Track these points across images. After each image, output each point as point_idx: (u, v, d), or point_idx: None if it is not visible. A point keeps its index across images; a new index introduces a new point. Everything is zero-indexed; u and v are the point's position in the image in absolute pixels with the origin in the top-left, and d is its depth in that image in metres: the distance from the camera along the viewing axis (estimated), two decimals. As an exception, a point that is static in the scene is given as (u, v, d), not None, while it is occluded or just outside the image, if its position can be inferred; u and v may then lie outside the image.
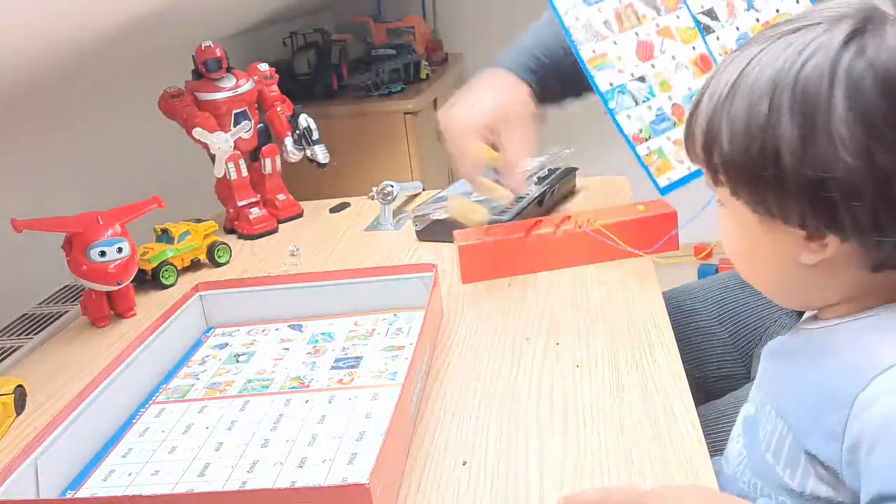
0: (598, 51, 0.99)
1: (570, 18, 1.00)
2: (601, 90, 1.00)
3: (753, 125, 0.59)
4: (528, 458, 0.68)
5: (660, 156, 0.98)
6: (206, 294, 0.98)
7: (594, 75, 1.00)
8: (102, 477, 0.72)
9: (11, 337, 1.05)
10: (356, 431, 0.74)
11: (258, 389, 0.84)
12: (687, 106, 0.96)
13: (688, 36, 0.99)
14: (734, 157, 0.61)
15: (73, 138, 1.45)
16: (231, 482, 0.69)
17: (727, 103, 0.61)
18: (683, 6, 0.99)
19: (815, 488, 0.62)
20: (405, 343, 0.90)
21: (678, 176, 0.99)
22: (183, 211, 1.26)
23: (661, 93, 0.99)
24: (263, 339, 0.95)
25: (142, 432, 0.78)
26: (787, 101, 0.58)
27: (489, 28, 3.04)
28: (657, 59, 0.99)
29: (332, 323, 0.96)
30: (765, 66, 0.60)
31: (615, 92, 0.99)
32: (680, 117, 0.98)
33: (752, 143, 0.59)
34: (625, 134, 0.99)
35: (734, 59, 0.63)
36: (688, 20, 0.99)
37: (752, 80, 0.60)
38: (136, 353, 0.84)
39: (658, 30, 0.99)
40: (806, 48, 0.58)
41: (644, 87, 0.99)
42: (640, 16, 1.00)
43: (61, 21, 1.11)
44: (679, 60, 0.99)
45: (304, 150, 1.35)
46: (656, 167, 0.98)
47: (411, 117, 2.18)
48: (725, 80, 0.62)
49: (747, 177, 0.61)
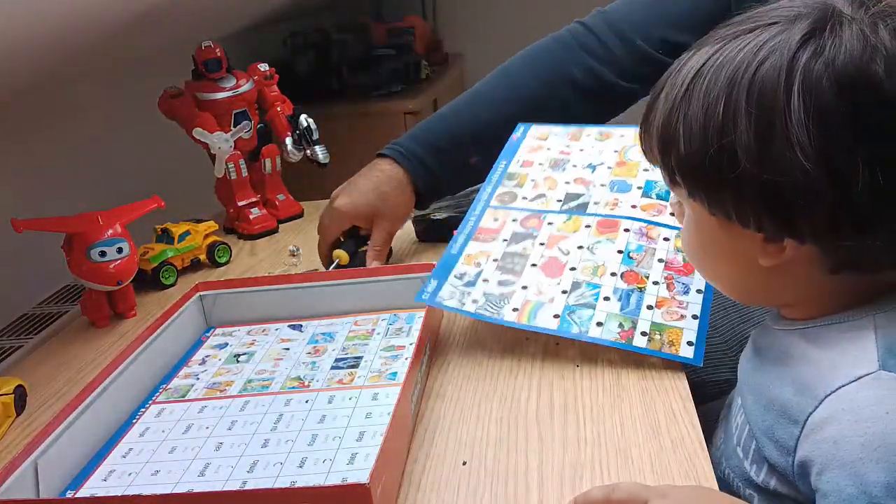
0: (518, 306, 0.84)
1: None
2: (556, 330, 0.82)
3: (710, 128, 0.57)
4: (528, 458, 0.68)
5: (659, 330, 0.80)
6: (207, 294, 0.98)
7: (538, 326, 0.82)
8: (102, 477, 0.72)
9: (11, 337, 1.05)
10: (356, 431, 0.74)
11: (258, 389, 0.84)
12: (630, 266, 0.85)
13: (571, 225, 0.91)
14: (691, 159, 0.59)
15: (73, 138, 1.45)
16: (231, 482, 0.69)
17: (683, 103, 0.59)
18: (543, 217, 0.93)
19: (777, 486, 0.62)
20: (405, 343, 0.90)
21: (692, 333, 0.80)
22: (183, 211, 1.27)
23: (601, 278, 0.85)
24: (263, 339, 0.95)
25: (142, 432, 0.78)
26: (744, 103, 0.56)
27: (489, 28, 3.05)
28: (570, 263, 0.87)
29: (332, 323, 0.96)
30: (720, 66, 0.58)
31: (567, 321, 0.82)
32: (635, 279, 0.84)
33: (708, 146, 0.58)
34: (614, 343, 0.80)
35: (689, 58, 0.61)
36: (559, 216, 0.93)
37: (708, 80, 0.58)
38: (136, 353, 0.84)
39: (547, 243, 0.90)
40: (762, 48, 0.57)
41: (585, 291, 0.84)
42: (523, 249, 0.90)
43: (61, 21, 1.11)
44: (587, 245, 0.89)
45: (304, 150, 1.35)
46: (668, 344, 0.79)
47: (411, 117, 2.18)
48: (681, 79, 0.60)
49: (704, 180, 0.60)
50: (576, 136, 1.03)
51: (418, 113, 2.21)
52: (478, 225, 0.94)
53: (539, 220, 0.93)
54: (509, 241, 0.91)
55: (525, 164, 1.00)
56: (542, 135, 1.04)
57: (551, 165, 0.99)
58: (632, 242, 0.88)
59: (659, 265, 0.85)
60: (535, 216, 0.94)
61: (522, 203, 0.96)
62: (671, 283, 0.83)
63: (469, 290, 0.86)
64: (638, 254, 0.86)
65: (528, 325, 0.82)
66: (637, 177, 0.95)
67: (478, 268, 0.88)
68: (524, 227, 0.93)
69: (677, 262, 0.85)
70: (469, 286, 0.86)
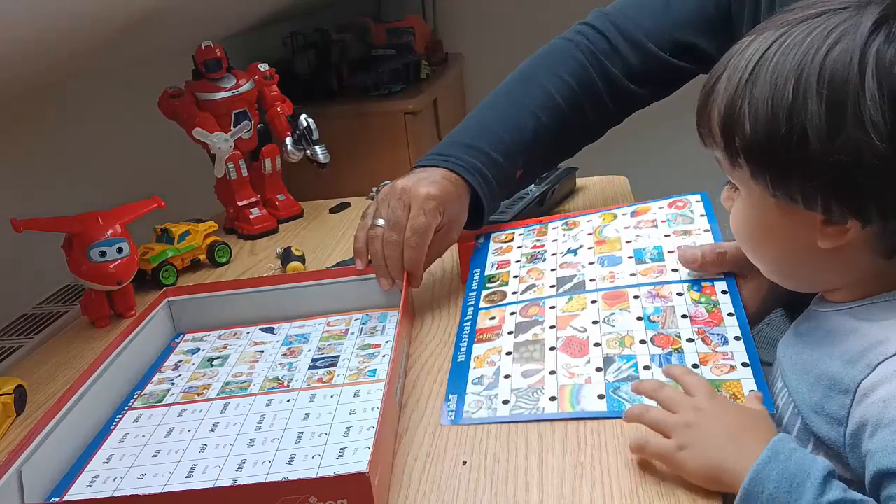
0: (555, 394, 0.75)
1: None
2: (608, 412, 0.71)
3: (779, 109, 0.59)
4: (528, 458, 0.68)
5: (717, 386, 0.70)
6: (175, 300, 0.98)
7: (586, 410, 0.72)
8: (86, 483, 0.71)
9: (11, 337, 1.05)
10: (342, 427, 0.74)
11: (237, 391, 0.83)
12: (656, 329, 0.77)
13: (576, 304, 0.83)
14: (758, 140, 0.60)
15: (73, 138, 1.45)
16: (221, 482, 0.68)
17: (748, 86, 0.61)
18: (542, 303, 0.85)
19: None
20: (381, 341, 0.90)
21: (751, 382, 0.70)
22: (183, 211, 1.27)
23: (631, 348, 0.77)
24: (236, 342, 0.94)
25: (121, 438, 0.78)
26: (815, 85, 0.57)
27: (489, 28, 3.05)
28: (593, 339, 0.79)
29: (304, 325, 0.96)
30: (788, 49, 0.59)
31: (615, 399, 0.72)
32: (668, 342, 0.76)
33: (777, 127, 0.59)
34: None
35: (751, 42, 0.63)
36: (559, 299, 0.85)
37: (775, 62, 0.60)
38: (109, 360, 0.83)
39: (558, 325, 0.81)
40: (832, 32, 0.58)
41: (621, 365, 0.75)
42: (534, 336, 0.81)
43: (61, 21, 1.11)
44: (602, 318, 0.81)
45: (304, 150, 1.35)
46: (732, 398, 0.70)
47: (411, 117, 2.18)
48: (745, 62, 0.62)
49: (770, 161, 0.61)
50: (541, 231, 0.99)
51: (418, 113, 2.21)
52: (475, 327, 0.86)
53: (539, 307, 0.85)
54: (515, 332, 0.83)
55: (500, 265, 0.95)
56: (505, 237, 1.00)
57: (529, 260, 0.94)
58: (647, 307, 0.81)
59: (685, 321, 0.78)
60: (533, 304, 0.86)
61: (514, 297, 0.89)
62: (706, 338, 0.76)
63: (494, 393, 0.76)
64: (658, 315, 0.79)
65: (575, 413, 0.72)
66: (622, 249, 0.90)
67: (493, 366, 0.79)
68: (525, 316, 0.85)
69: (702, 314, 0.78)
70: (492, 388, 0.76)
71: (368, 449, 0.68)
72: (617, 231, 0.94)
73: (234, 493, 0.62)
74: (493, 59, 3.15)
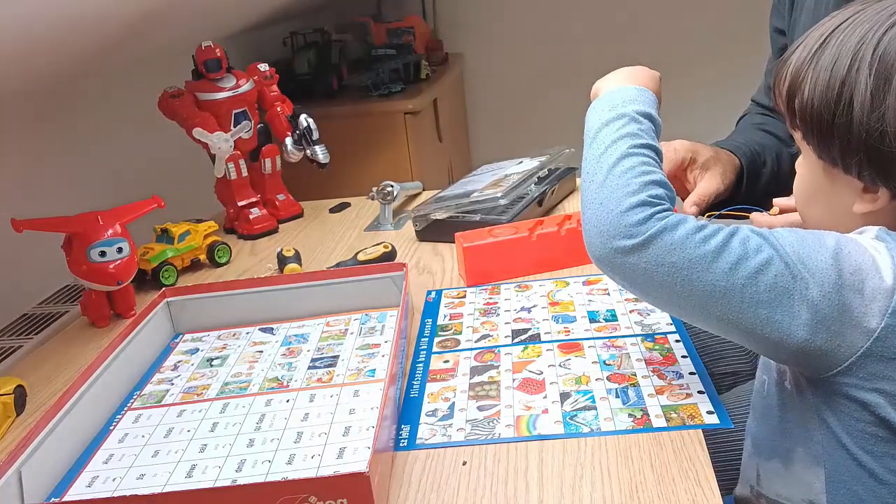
0: (511, 423, 0.74)
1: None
2: (564, 435, 0.71)
3: (835, 76, 0.64)
4: (528, 458, 0.68)
5: (674, 410, 0.73)
6: (174, 300, 0.98)
7: (541, 434, 0.72)
8: (86, 483, 0.71)
9: (11, 337, 1.05)
10: (341, 427, 0.74)
11: (236, 391, 0.84)
12: (612, 371, 0.79)
13: (531, 352, 0.85)
14: (812, 104, 0.65)
15: (73, 138, 1.45)
16: (221, 482, 0.69)
17: (817, 54, 0.66)
18: (498, 350, 0.86)
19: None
20: (380, 341, 0.90)
21: (707, 404, 0.73)
22: (183, 211, 1.26)
23: (587, 385, 0.78)
24: (235, 342, 0.95)
25: (121, 438, 0.78)
26: (869, 58, 0.63)
27: (489, 28, 3.04)
28: (549, 380, 0.79)
29: (303, 325, 0.96)
30: (856, 24, 0.65)
31: (572, 424, 0.72)
32: (623, 379, 0.78)
33: (829, 93, 0.64)
34: (634, 430, 0.71)
35: (835, 15, 0.68)
36: (514, 348, 0.86)
37: (843, 36, 0.65)
38: (108, 360, 0.84)
39: (513, 369, 0.82)
40: (894, 13, 0.63)
41: (578, 398, 0.76)
42: (489, 378, 0.81)
43: (61, 21, 1.11)
44: (557, 363, 0.82)
45: (304, 150, 1.35)
46: (689, 418, 0.72)
47: (411, 117, 2.18)
48: (820, 33, 0.67)
49: (818, 124, 0.65)
50: (494, 290, 1.01)
51: (418, 113, 2.21)
52: (428, 368, 0.85)
53: (495, 353, 0.86)
54: (470, 375, 0.82)
55: (453, 317, 0.95)
56: (458, 294, 1.01)
57: (483, 314, 0.95)
58: (602, 354, 0.83)
59: (639, 363, 0.80)
60: (488, 351, 0.86)
61: (468, 344, 0.89)
62: (661, 374, 0.78)
63: (448, 423, 0.75)
64: (614, 360, 0.81)
65: (531, 437, 0.71)
66: (576, 311, 0.93)
67: (448, 402, 0.78)
68: (481, 361, 0.85)
69: (656, 358, 0.81)
70: (446, 419, 0.75)
71: (368, 449, 0.68)
72: (570, 296, 0.97)
73: (234, 492, 0.62)
74: (493, 59, 3.15)
